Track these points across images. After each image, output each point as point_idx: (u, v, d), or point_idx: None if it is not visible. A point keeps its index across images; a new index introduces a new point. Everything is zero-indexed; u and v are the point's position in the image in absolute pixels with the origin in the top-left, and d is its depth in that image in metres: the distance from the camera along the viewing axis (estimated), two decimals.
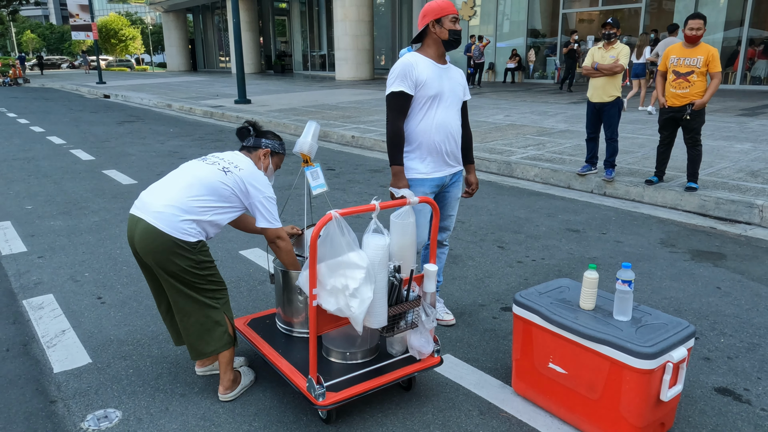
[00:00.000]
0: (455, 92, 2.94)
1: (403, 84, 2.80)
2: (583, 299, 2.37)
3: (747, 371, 2.78)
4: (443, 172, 2.99)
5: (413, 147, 2.93)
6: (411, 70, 2.79)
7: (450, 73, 2.94)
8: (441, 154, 2.94)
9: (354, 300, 2.12)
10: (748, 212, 5.18)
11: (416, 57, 2.86)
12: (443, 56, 2.92)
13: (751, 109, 11.15)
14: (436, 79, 2.84)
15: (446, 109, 2.89)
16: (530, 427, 2.38)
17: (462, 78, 3.03)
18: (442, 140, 2.91)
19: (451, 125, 2.92)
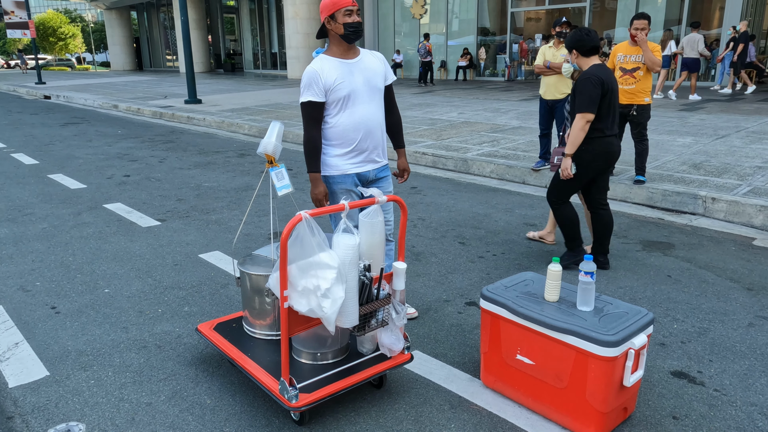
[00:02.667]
0: (372, 83, 2.90)
1: (310, 93, 2.81)
2: (548, 291, 2.44)
3: (699, 354, 2.92)
4: (365, 168, 3.00)
5: (333, 145, 2.93)
6: (317, 78, 2.79)
7: (363, 65, 2.89)
8: (362, 152, 2.95)
9: (326, 300, 2.12)
10: (693, 203, 5.43)
11: (322, 61, 2.83)
12: (350, 50, 2.87)
13: (691, 105, 11.68)
14: (346, 78, 2.82)
15: (364, 104, 2.88)
16: (500, 418, 2.44)
17: (380, 64, 2.97)
18: (363, 138, 2.92)
19: (371, 120, 2.91)
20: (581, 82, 3.71)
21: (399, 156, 3.16)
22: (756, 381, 2.68)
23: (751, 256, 4.28)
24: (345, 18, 2.76)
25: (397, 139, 3.16)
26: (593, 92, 3.65)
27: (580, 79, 3.73)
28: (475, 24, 21.20)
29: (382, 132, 3.01)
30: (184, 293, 3.73)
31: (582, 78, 3.72)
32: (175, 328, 3.27)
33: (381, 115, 2.98)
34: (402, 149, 3.17)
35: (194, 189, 6.49)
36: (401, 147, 3.17)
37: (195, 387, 2.68)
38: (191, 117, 12.28)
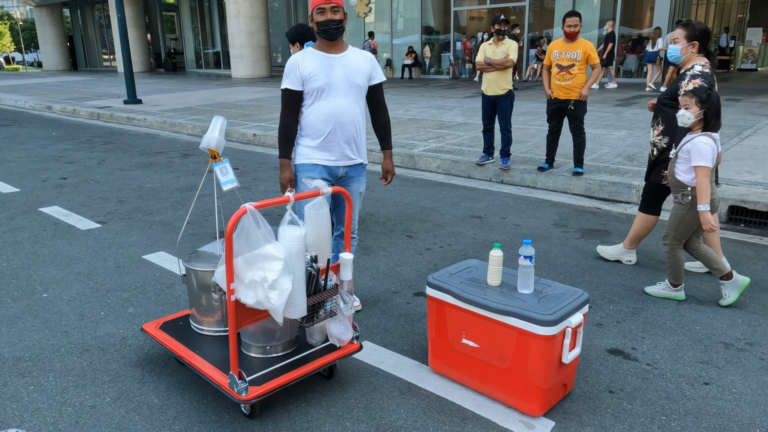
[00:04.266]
0: (351, 80, 2.95)
1: (288, 81, 2.94)
2: (490, 276, 2.53)
3: (633, 332, 3.09)
4: (337, 162, 3.04)
5: (305, 135, 3.03)
6: (296, 67, 2.91)
7: (346, 61, 2.95)
8: (334, 144, 2.99)
9: (273, 292, 2.13)
10: (627, 192, 5.70)
11: (306, 52, 2.95)
12: (333, 46, 2.93)
13: (626, 100, 12.22)
14: (323, 71, 2.89)
15: (338, 98, 2.93)
16: (447, 401, 2.51)
17: (366, 63, 3.02)
18: (332, 130, 2.96)
19: (344, 114, 2.95)
20: None
21: (384, 157, 3.20)
22: (684, 354, 2.86)
23: None
24: (317, 16, 2.85)
25: (383, 140, 3.19)
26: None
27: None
28: (419, 23, 21.42)
29: (357, 129, 3.03)
30: (128, 295, 3.64)
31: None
32: (119, 330, 3.19)
33: (357, 112, 3.00)
34: (388, 151, 3.20)
35: (136, 190, 6.32)
36: (387, 148, 3.20)
37: (141, 387, 2.63)
38: (131, 117, 11.90)
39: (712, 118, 3.19)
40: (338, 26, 2.86)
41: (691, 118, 3.20)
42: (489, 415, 2.40)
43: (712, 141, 3.21)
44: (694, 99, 3.19)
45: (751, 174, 5.83)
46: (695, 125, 3.23)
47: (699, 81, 3.42)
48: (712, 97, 3.17)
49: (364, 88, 3.02)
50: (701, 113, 3.19)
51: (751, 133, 8.03)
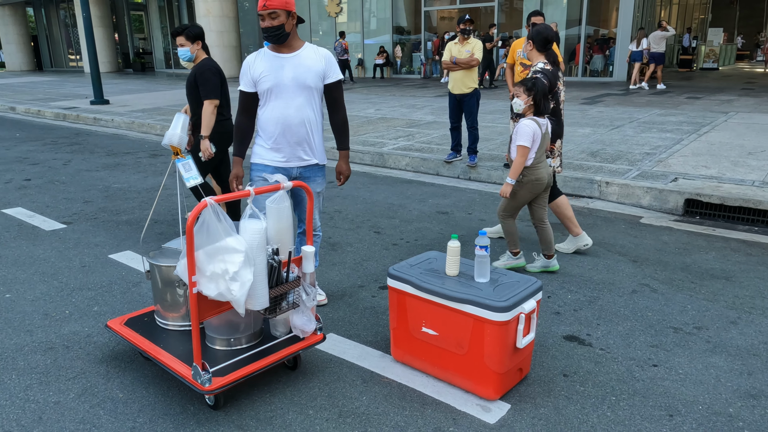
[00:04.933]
0: (300, 80, 2.92)
1: (241, 82, 2.99)
2: (449, 267, 2.62)
3: (589, 320, 3.22)
4: (288, 164, 3.05)
5: (260, 135, 3.07)
6: (247, 69, 2.96)
7: (297, 60, 2.93)
8: (283, 146, 3.00)
9: (234, 283, 2.18)
10: (590, 187, 5.87)
11: (259, 53, 2.97)
12: (286, 46, 2.93)
13: (591, 98, 12.50)
14: (272, 72, 2.90)
15: (286, 99, 2.93)
16: (409, 388, 2.59)
17: (319, 61, 2.98)
18: (281, 132, 2.97)
19: (292, 116, 2.95)
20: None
21: (339, 158, 3.16)
22: (635, 339, 3.00)
23: (638, 232, 4.70)
24: (261, 22, 2.87)
25: (339, 140, 3.15)
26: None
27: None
28: (391, 23, 21.53)
29: (309, 130, 3.02)
30: (93, 293, 3.64)
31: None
32: (84, 328, 3.19)
33: (307, 113, 2.98)
34: (344, 151, 3.16)
35: (103, 191, 6.26)
36: (342, 149, 3.16)
37: (106, 383, 2.65)
38: (98, 118, 11.73)
39: (540, 102, 3.59)
40: (278, 32, 2.84)
41: (522, 104, 3.61)
42: (448, 400, 2.49)
43: (535, 124, 3.59)
44: (522, 88, 3.61)
45: (707, 168, 6.05)
46: (527, 110, 3.64)
47: (540, 76, 3.85)
48: (537, 84, 3.57)
49: (316, 88, 2.99)
50: (530, 99, 3.59)
51: (709, 129, 8.31)
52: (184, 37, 4.22)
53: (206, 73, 4.13)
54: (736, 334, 3.02)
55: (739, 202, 4.97)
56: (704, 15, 25.00)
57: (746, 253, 4.18)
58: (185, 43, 4.22)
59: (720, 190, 5.20)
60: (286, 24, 2.86)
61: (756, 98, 11.67)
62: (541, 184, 3.71)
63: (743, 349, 2.88)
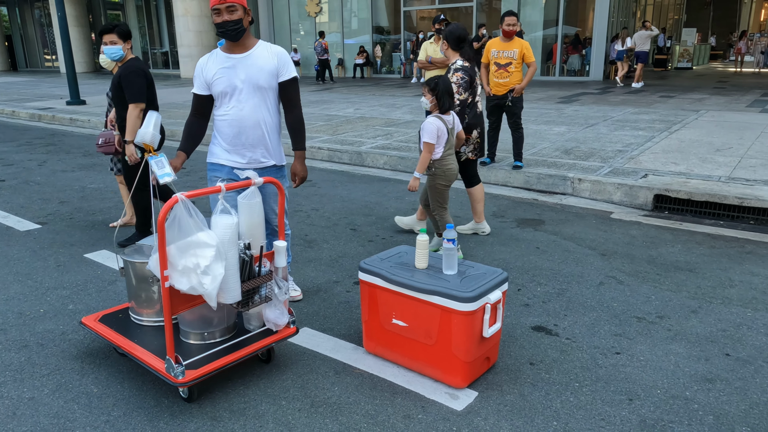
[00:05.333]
0: (254, 81, 2.86)
1: (195, 85, 2.97)
2: (418, 260, 2.69)
3: (557, 311, 3.31)
4: (245, 166, 3.00)
5: (216, 135, 3.04)
6: (200, 72, 2.93)
7: (249, 61, 2.86)
8: (239, 148, 2.96)
9: (206, 277, 2.22)
10: (563, 184, 5.99)
11: (210, 56, 2.92)
12: (237, 46, 2.87)
13: (567, 97, 12.69)
14: (225, 74, 2.86)
15: (241, 101, 2.88)
16: (380, 378, 2.66)
17: (272, 60, 2.90)
18: (236, 135, 2.93)
19: (246, 118, 2.90)
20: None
21: (294, 158, 3.05)
22: (600, 329, 3.10)
23: (608, 227, 4.83)
24: (215, 18, 2.78)
25: (294, 140, 3.05)
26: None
27: None
28: (370, 23, 21.59)
29: (265, 132, 2.97)
30: (69, 292, 3.65)
31: None
32: (58, 326, 3.21)
33: (263, 114, 2.94)
34: (299, 152, 3.04)
35: (78, 191, 6.23)
36: (298, 149, 3.05)
37: (81, 378, 2.68)
38: (74, 119, 11.62)
39: (443, 100, 3.78)
40: (236, 27, 2.77)
41: (428, 103, 3.82)
42: (417, 389, 2.56)
43: (440, 121, 3.80)
44: (426, 88, 3.81)
45: (676, 165, 6.22)
46: (433, 108, 3.85)
47: (461, 73, 4.16)
48: (440, 84, 3.77)
49: (270, 88, 2.93)
50: (434, 98, 3.79)
51: (680, 127, 8.51)
52: (116, 35, 4.05)
53: (132, 75, 3.99)
54: (696, 323, 3.14)
55: (706, 197, 5.13)
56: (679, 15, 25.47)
57: (710, 245, 4.32)
58: (117, 41, 4.06)
59: (688, 186, 5.35)
60: (243, 19, 2.79)
61: (727, 97, 11.95)
62: (453, 173, 3.96)
63: (702, 336, 2.99)
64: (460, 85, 4.16)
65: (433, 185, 3.98)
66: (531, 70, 6.12)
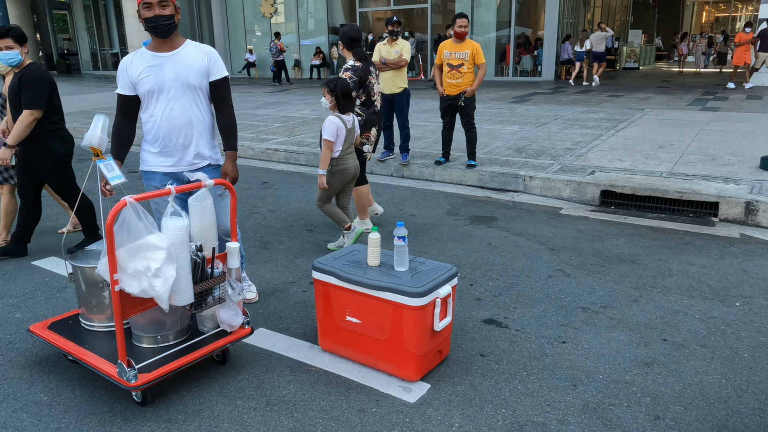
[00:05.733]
0: (183, 79, 2.79)
1: (119, 85, 2.85)
2: (370, 257, 2.75)
3: (507, 304, 3.43)
4: (177, 168, 2.92)
5: (146, 140, 2.95)
6: (124, 71, 2.81)
7: (178, 59, 2.79)
8: (171, 149, 2.88)
9: (157, 280, 2.23)
10: (515, 182, 6.16)
11: (134, 55, 2.82)
12: (165, 44, 2.78)
13: (520, 97, 13.00)
14: (152, 73, 2.77)
15: (170, 100, 2.80)
16: (335, 375, 2.70)
17: (202, 59, 2.84)
18: (167, 135, 2.85)
19: (177, 118, 2.83)
20: None
21: (226, 158, 2.97)
22: (548, 320, 3.22)
23: (557, 222, 5.00)
24: (144, 12, 2.69)
25: (226, 140, 2.97)
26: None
27: None
28: (326, 23, 21.57)
29: (198, 131, 2.90)
30: (15, 300, 3.56)
31: None
32: (5, 335, 3.13)
33: (194, 113, 2.87)
34: (231, 152, 2.96)
35: None
36: (230, 149, 2.97)
37: (30, 387, 2.63)
38: None
39: (340, 101, 3.99)
40: (169, 22, 2.69)
41: (327, 103, 4.03)
42: (372, 384, 2.62)
43: (339, 120, 3.99)
44: (326, 89, 4.01)
45: (621, 162, 6.47)
46: (332, 108, 4.05)
47: (349, 73, 4.36)
48: (338, 86, 3.97)
49: (200, 87, 2.86)
50: (333, 99, 4.00)
51: (626, 125, 8.84)
52: (11, 39, 3.89)
53: (35, 80, 3.84)
54: (637, 311, 3.30)
55: (648, 191, 5.37)
56: (625, 17, 26.36)
57: (652, 238, 4.54)
58: (13, 45, 3.90)
59: (632, 182, 5.59)
60: (175, 16, 2.73)
61: (670, 96, 12.47)
62: (349, 173, 4.13)
63: (642, 323, 3.16)
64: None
65: (327, 180, 4.14)
66: (481, 71, 6.26)
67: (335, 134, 3.98)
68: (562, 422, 2.35)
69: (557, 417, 2.38)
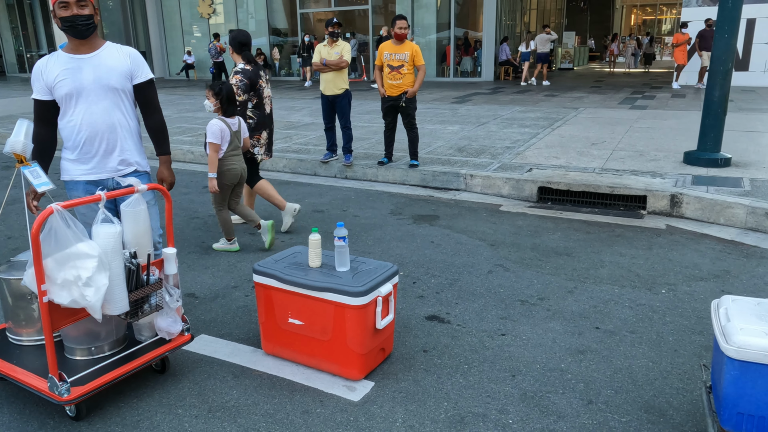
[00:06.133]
0: (104, 82, 2.66)
1: (34, 90, 2.70)
2: (311, 259, 2.75)
3: (449, 300, 3.50)
4: (99, 175, 2.77)
5: (66, 147, 2.79)
6: (39, 75, 2.66)
7: (97, 61, 2.66)
8: (93, 156, 2.74)
9: (89, 289, 2.16)
10: (456, 180, 6.28)
11: (50, 57, 2.68)
12: (83, 45, 2.65)
13: (461, 98, 13.25)
14: (69, 75, 2.63)
15: (91, 103, 2.66)
16: (279, 378, 2.69)
17: (124, 60, 2.73)
18: (88, 141, 2.70)
19: (99, 122, 2.69)
20: None
21: (159, 164, 2.90)
22: (488, 314, 3.32)
23: (497, 219, 5.14)
24: (60, 11, 2.55)
25: (157, 144, 2.88)
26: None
27: None
28: (267, 24, 21.31)
29: (121, 136, 2.77)
30: None
31: None
32: None
33: (117, 117, 2.74)
34: (164, 156, 2.89)
35: None
36: (163, 154, 2.89)
37: None
38: None
39: (224, 105, 4.06)
40: (88, 22, 2.57)
41: (211, 106, 4.08)
42: (316, 385, 2.62)
43: (223, 123, 4.05)
44: (210, 92, 4.07)
45: (557, 159, 6.71)
46: (217, 111, 4.11)
47: (239, 76, 4.43)
48: (222, 89, 4.04)
49: (124, 90, 2.74)
50: (217, 102, 4.06)
51: (561, 124, 9.17)
52: None
53: None
54: (572, 302, 3.44)
55: (582, 187, 5.59)
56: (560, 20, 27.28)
57: (586, 231, 4.73)
58: None
59: (567, 178, 5.80)
60: (95, 15, 2.62)
61: (602, 95, 13.01)
62: (235, 173, 4.17)
63: (576, 313, 3.29)
64: (238, 87, 4.46)
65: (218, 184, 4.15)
66: (421, 72, 6.35)
67: (219, 137, 4.01)
68: (501, 412, 2.43)
69: (497, 407, 2.46)
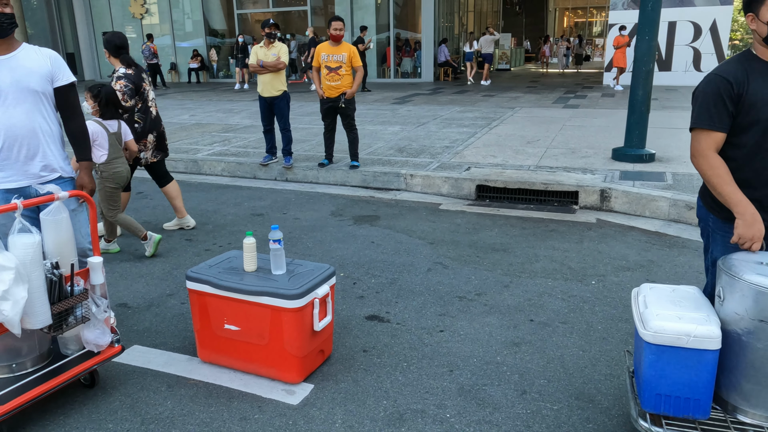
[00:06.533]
0: (23, 84, 2.55)
1: None
2: (246, 263, 2.71)
3: (389, 299, 3.53)
4: (19, 183, 2.63)
5: None
6: None
7: (15, 62, 2.55)
8: (12, 162, 2.59)
9: (6, 303, 2.05)
10: (397, 180, 6.34)
11: None
12: (3, 46, 2.54)
13: (402, 98, 13.37)
14: None
15: (9, 107, 2.54)
16: (216, 385, 2.64)
17: (44, 62, 2.63)
18: (7, 147, 2.56)
19: (17, 126, 2.56)
20: None
21: (80, 170, 2.77)
22: (427, 311, 3.36)
23: (437, 218, 5.21)
24: None
25: (77, 151, 2.78)
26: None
27: None
28: (203, 25, 20.83)
29: (43, 140, 2.64)
30: None
31: None
32: None
33: (38, 121, 2.62)
34: (85, 162, 2.79)
35: None
36: (84, 160, 2.79)
37: None
38: None
39: (102, 107, 4.08)
40: (10, 21, 2.48)
41: (89, 108, 4.08)
42: (254, 390, 2.59)
43: (99, 126, 4.05)
44: (89, 94, 4.08)
45: (494, 157, 6.87)
46: (95, 113, 4.11)
47: (123, 81, 4.39)
48: (101, 92, 4.07)
49: (44, 93, 2.63)
50: (96, 105, 4.08)
51: (498, 123, 9.40)
52: None
53: None
54: (508, 296, 3.54)
55: (518, 184, 5.75)
56: (496, 22, 27.98)
57: (521, 227, 4.87)
58: None
59: (503, 176, 5.96)
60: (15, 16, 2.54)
61: (537, 95, 13.42)
62: (121, 176, 4.16)
63: (512, 307, 3.39)
64: (124, 93, 4.39)
65: (102, 188, 4.13)
66: (358, 74, 6.37)
67: (92, 138, 3.94)
68: (439, 407, 2.47)
69: (435, 402, 2.50)
